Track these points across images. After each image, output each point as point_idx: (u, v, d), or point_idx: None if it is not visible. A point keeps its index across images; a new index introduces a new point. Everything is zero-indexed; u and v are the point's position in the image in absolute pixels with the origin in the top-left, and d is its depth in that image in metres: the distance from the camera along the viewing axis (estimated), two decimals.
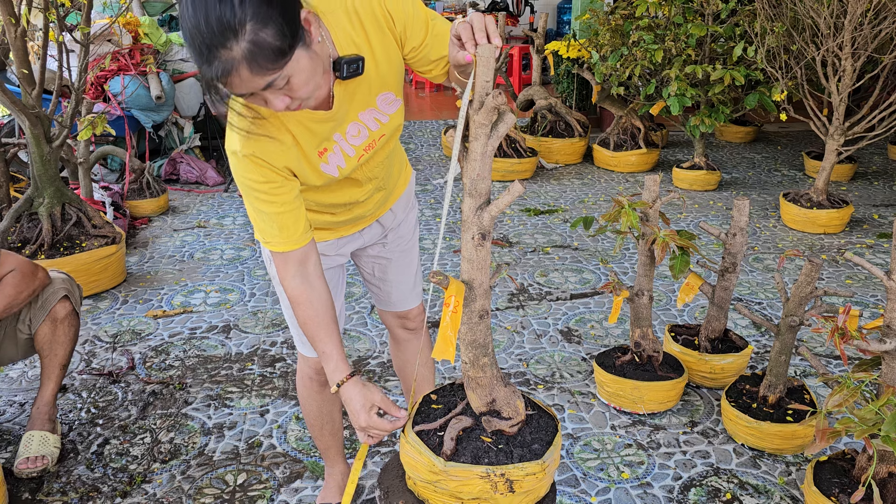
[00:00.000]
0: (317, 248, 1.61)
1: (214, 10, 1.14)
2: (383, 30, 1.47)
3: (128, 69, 5.19)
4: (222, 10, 1.14)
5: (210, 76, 1.20)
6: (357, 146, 1.60)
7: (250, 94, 1.25)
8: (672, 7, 5.17)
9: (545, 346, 3.15)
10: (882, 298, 3.63)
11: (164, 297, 3.60)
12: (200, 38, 1.16)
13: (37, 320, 2.43)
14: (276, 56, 1.20)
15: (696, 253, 2.50)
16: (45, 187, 3.52)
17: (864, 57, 4.18)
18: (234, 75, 1.20)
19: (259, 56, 1.18)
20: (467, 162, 1.32)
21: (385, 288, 2.03)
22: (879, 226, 4.71)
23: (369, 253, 1.98)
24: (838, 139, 4.45)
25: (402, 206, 1.93)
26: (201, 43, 1.17)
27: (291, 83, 1.25)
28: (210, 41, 1.16)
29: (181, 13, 1.19)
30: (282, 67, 1.22)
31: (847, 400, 1.79)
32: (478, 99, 1.27)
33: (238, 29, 1.15)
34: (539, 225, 4.69)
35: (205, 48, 1.17)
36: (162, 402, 2.72)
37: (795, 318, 2.36)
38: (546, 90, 6.35)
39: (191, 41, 1.18)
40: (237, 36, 1.16)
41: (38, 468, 2.32)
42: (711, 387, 2.82)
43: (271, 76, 1.22)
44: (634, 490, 2.28)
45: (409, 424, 1.50)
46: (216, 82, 1.22)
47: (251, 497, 2.23)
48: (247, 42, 1.16)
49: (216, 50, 1.17)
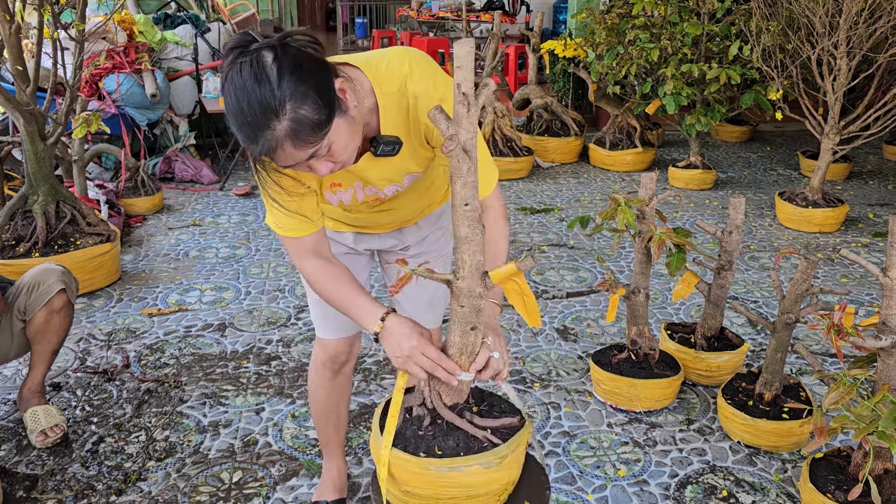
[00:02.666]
0: (326, 236, 1.63)
1: (255, 94, 1.22)
2: (420, 132, 1.51)
3: (123, 67, 5.17)
4: (262, 94, 1.22)
5: (256, 153, 1.29)
6: (368, 197, 1.66)
7: (295, 164, 1.32)
8: (668, 6, 5.18)
9: (541, 345, 3.14)
10: (877, 297, 3.64)
11: (159, 296, 3.59)
12: (244, 119, 1.24)
13: (31, 310, 2.47)
14: (316, 129, 1.27)
15: (692, 251, 2.50)
16: (40, 185, 3.51)
17: (860, 56, 4.19)
18: (279, 151, 1.27)
19: (300, 132, 1.25)
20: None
21: (401, 300, 1.99)
22: (874, 225, 4.72)
23: (390, 260, 1.97)
24: (833, 138, 4.46)
25: (429, 222, 1.91)
26: (245, 124, 1.25)
27: (332, 150, 1.32)
28: (253, 122, 1.24)
29: (226, 101, 1.27)
30: (322, 138, 1.29)
31: (843, 397, 1.79)
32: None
33: (279, 109, 1.22)
34: (535, 224, 4.69)
35: (249, 129, 1.25)
36: (157, 401, 2.71)
37: (791, 315, 2.36)
38: (542, 89, 6.35)
39: (236, 123, 1.27)
40: (278, 116, 1.23)
41: (58, 435, 2.42)
42: (707, 384, 2.82)
43: (313, 148, 1.29)
44: (631, 487, 2.28)
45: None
46: (261, 156, 1.31)
47: (247, 495, 2.22)
48: (288, 120, 1.24)
49: (260, 131, 1.24)
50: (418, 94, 1.45)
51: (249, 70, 1.23)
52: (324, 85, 1.27)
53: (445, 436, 1.45)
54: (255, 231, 4.52)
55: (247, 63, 1.23)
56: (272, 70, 1.23)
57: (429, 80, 1.46)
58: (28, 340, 2.51)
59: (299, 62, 1.25)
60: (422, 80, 1.45)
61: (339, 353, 1.98)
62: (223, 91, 1.28)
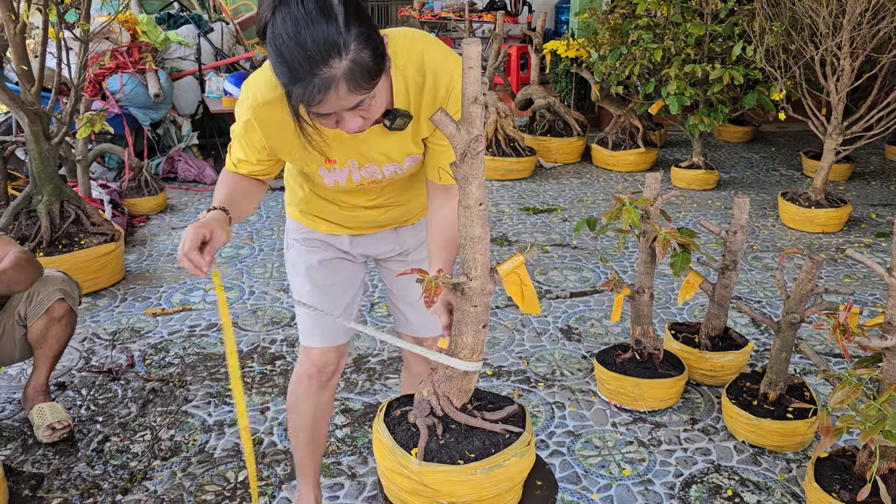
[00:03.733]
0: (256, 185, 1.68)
1: (321, 29, 1.20)
2: (436, 105, 1.50)
3: (126, 67, 5.18)
4: (328, 30, 1.20)
5: (303, 92, 1.24)
6: (364, 178, 1.63)
7: (330, 113, 1.30)
8: (671, 6, 5.18)
9: (545, 344, 3.15)
10: (880, 297, 3.64)
11: (163, 295, 3.60)
12: (302, 54, 1.20)
13: (32, 318, 2.46)
14: (372, 76, 1.26)
15: (696, 251, 2.50)
16: (44, 185, 3.51)
17: (863, 56, 4.19)
18: (331, 92, 1.24)
19: (358, 75, 1.24)
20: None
21: (403, 308, 1.94)
22: (877, 225, 4.72)
23: (390, 267, 1.92)
24: (836, 139, 4.46)
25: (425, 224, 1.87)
26: (303, 58, 1.21)
27: (371, 104, 1.32)
28: (313, 57, 1.20)
29: (275, 32, 1.22)
30: (373, 87, 1.28)
31: (849, 396, 1.80)
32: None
33: (342, 48, 1.21)
34: (538, 224, 4.69)
35: (306, 64, 1.21)
36: (162, 400, 2.71)
37: (796, 315, 2.36)
38: (544, 89, 6.36)
39: (290, 58, 1.22)
40: (341, 55, 1.21)
41: (65, 430, 2.43)
42: (712, 384, 2.82)
43: (363, 95, 1.28)
44: (636, 487, 2.28)
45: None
46: (307, 98, 1.25)
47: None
48: (349, 61, 1.22)
49: (318, 67, 1.21)
50: (438, 69, 1.46)
51: (314, 4, 1.20)
52: (380, 39, 1.28)
53: (467, 439, 1.45)
54: (258, 231, 4.52)
55: (313, 2, 1.21)
56: (339, 8, 1.22)
57: (447, 57, 1.49)
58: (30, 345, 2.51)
59: (361, 7, 1.25)
60: (439, 56, 1.47)
61: (328, 363, 1.87)
62: (273, 23, 1.22)
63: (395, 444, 1.45)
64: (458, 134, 1.23)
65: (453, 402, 1.49)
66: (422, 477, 1.39)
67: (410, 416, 1.50)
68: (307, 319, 1.85)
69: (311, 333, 1.86)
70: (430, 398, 1.49)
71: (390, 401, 1.59)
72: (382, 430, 1.48)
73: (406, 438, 1.46)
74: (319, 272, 1.82)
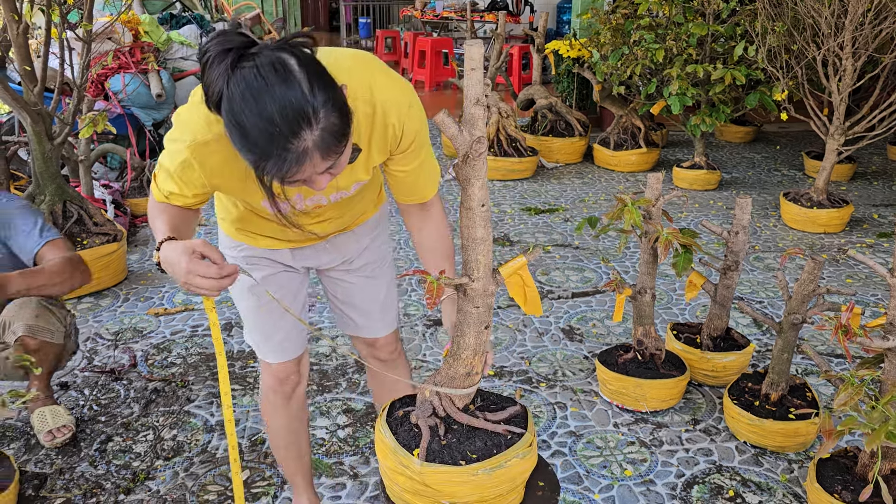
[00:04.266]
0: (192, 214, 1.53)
1: (286, 100, 1.13)
2: (387, 139, 1.47)
3: (128, 67, 5.19)
4: (294, 100, 1.13)
5: (277, 169, 1.17)
6: (308, 206, 1.60)
7: (305, 178, 1.24)
8: (673, 6, 5.18)
9: (547, 345, 3.15)
10: (882, 297, 3.64)
11: (165, 295, 3.60)
12: (271, 130, 1.14)
13: (7, 345, 2.38)
14: (343, 138, 1.22)
15: (698, 251, 2.51)
16: (47, 185, 3.52)
17: (865, 57, 4.19)
18: (306, 164, 1.19)
19: (330, 141, 1.19)
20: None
21: (348, 312, 1.93)
22: (879, 225, 4.72)
23: (332, 275, 1.89)
24: (838, 139, 4.46)
25: (366, 231, 1.84)
26: (272, 135, 1.14)
27: (340, 161, 1.26)
28: (283, 132, 1.14)
29: (234, 108, 1.14)
30: (344, 148, 1.24)
31: (852, 398, 1.80)
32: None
33: (312, 117, 1.15)
34: (540, 224, 4.69)
35: (277, 140, 1.15)
36: (164, 400, 2.72)
37: (798, 315, 2.36)
38: (546, 89, 6.36)
39: (255, 136, 1.15)
40: (311, 125, 1.16)
41: (66, 436, 2.42)
42: (713, 385, 2.82)
43: (335, 158, 1.23)
44: (637, 487, 2.28)
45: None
46: (282, 173, 1.19)
47: (255, 494, 2.23)
48: (320, 129, 1.17)
49: (289, 141, 1.15)
50: (387, 100, 1.42)
51: (275, 74, 1.13)
52: (341, 92, 1.22)
53: (469, 439, 1.46)
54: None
55: (267, 66, 1.14)
56: (301, 74, 1.15)
57: (395, 87, 1.44)
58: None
59: (321, 67, 1.19)
60: (388, 87, 1.43)
61: (288, 375, 1.86)
62: (233, 102, 1.14)
63: (397, 444, 1.45)
64: (461, 136, 1.23)
65: (455, 403, 1.49)
66: (423, 477, 1.40)
67: (413, 416, 1.51)
68: (258, 336, 1.82)
69: (265, 350, 1.84)
70: (432, 399, 1.49)
71: (393, 401, 1.59)
72: (385, 430, 1.49)
73: (408, 439, 1.47)
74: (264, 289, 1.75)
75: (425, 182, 1.61)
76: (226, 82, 1.14)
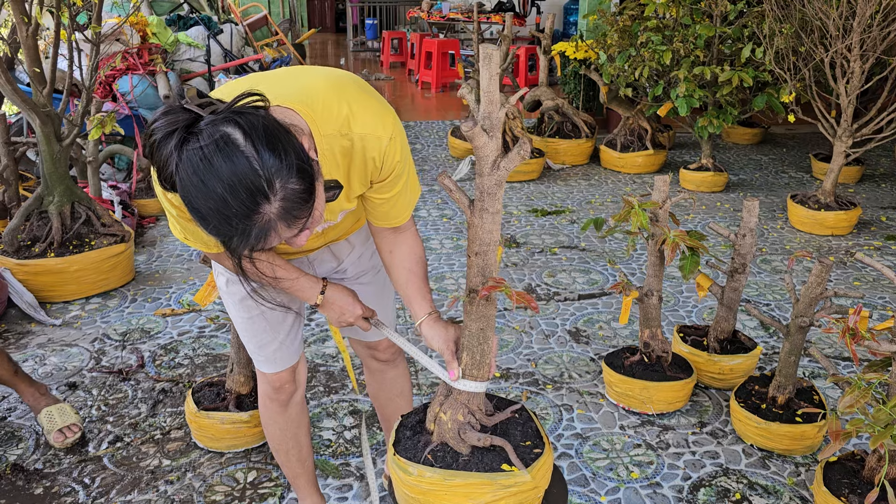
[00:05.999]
0: None
1: (237, 179, 1.08)
2: (366, 171, 1.44)
3: (136, 68, 5.21)
4: (245, 177, 1.08)
5: (243, 244, 1.14)
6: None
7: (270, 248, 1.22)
8: (680, 8, 5.17)
9: (553, 347, 3.15)
10: (890, 300, 3.63)
11: (173, 296, 3.61)
12: (229, 212, 1.09)
13: None
14: (306, 200, 1.16)
15: (705, 254, 2.50)
16: (55, 186, 3.54)
17: (873, 59, 4.18)
18: (272, 235, 1.15)
19: (292, 209, 1.14)
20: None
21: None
22: (887, 228, 4.70)
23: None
24: (846, 141, 4.45)
25: (360, 238, 1.83)
26: (232, 216, 1.10)
27: (313, 216, 1.21)
28: (240, 212, 1.09)
29: (186, 193, 1.09)
30: (311, 209, 1.18)
31: (858, 401, 1.79)
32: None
33: (268, 191, 1.10)
34: (546, 226, 4.69)
35: (237, 221, 1.10)
36: (172, 400, 2.73)
37: (805, 318, 2.36)
38: (553, 91, 6.36)
39: (217, 218, 1.10)
40: (268, 198, 1.10)
41: (76, 435, 2.44)
42: (720, 387, 2.82)
43: (304, 221, 1.18)
44: (644, 490, 2.28)
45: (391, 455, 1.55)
46: (250, 247, 1.15)
47: (261, 495, 2.24)
48: (279, 200, 1.12)
49: (249, 220, 1.11)
50: (366, 135, 1.38)
51: (219, 153, 1.07)
52: (299, 150, 1.15)
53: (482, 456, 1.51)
54: None
55: (211, 146, 1.07)
56: (248, 147, 1.08)
57: (374, 119, 1.39)
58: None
59: (270, 131, 1.12)
60: (366, 121, 1.38)
61: (283, 384, 1.85)
62: (181, 186, 1.08)
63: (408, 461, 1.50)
64: (490, 143, 1.25)
65: (475, 415, 1.52)
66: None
67: (433, 436, 1.54)
68: (252, 346, 1.81)
69: (261, 359, 1.83)
70: (445, 420, 1.52)
71: (404, 419, 1.63)
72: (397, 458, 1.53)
73: (416, 452, 1.51)
74: (255, 301, 1.72)
75: (402, 208, 1.58)
76: (175, 167, 1.09)
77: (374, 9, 13.82)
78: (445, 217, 4.79)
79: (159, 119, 1.10)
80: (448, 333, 1.55)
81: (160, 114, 1.11)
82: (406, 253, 1.63)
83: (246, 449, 2.44)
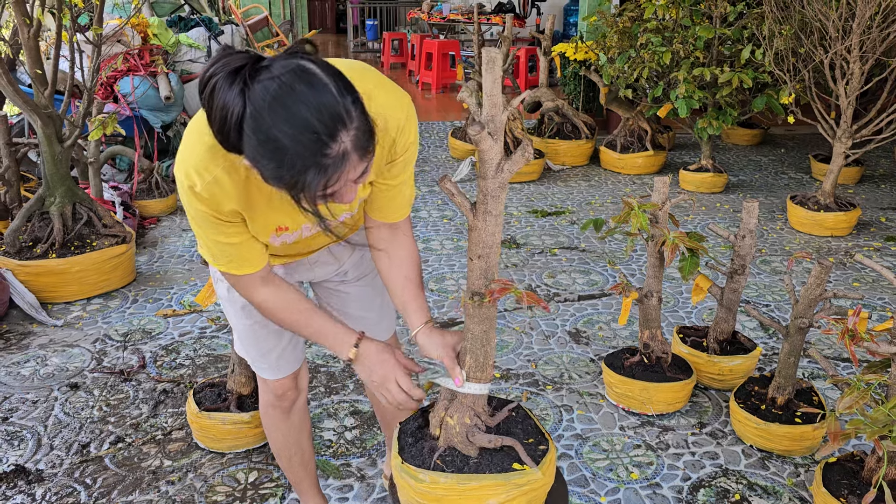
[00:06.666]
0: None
1: (321, 104, 1.10)
2: (384, 151, 1.44)
3: (137, 70, 5.22)
4: (328, 103, 1.11)
5: (319, 177, 1.13)
6: (312, 232, 1.60)
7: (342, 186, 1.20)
8: (680, 9, 5.18)
9: (553, 348, 3.16)
10: (890, 301, 3.64)
11: (174, 297, 3.62)
12: (309, 137, 1.09)
13: None
14: (373, 136, 1.19)
15: (704, 255, 2.51)
16: (57, 187, 3.54)
17: (873, 60, 4.19)
18: (347, 167, 1.15)
19: (364, 139, 1.16)
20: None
21: (344, 320, 1.85)
22: (886, 229, 4.71)
23: (327, 286, 1.89)
24: (846, 142, 4.45)
25: (360, 238, 1.81)
26: (311, 142, 1.10)
27: (369, 168, 1.23)
28: (322, 137, 1.10)
29: (261, 125, 1.09)
30: (374, 148, 1.20)
31: (857, 402, 1.80)
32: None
33: (346, 118, 1.13)
34: (546, 226, 4.70)
35: (316, 146, 1.11)
36: (173, 401, 2.74)
37: (805, 319, 2.37)
38: (553, 92, 6.37)
39: (292, 146, 1.10)
40: (346, 125, 1.13)
41: None
42: (720, 388, 2.83)
43: (369, 160, 1.19)
44: (644, 490, 2.29)
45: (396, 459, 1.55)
46: (325, 181, 1.15)
47: (262, 495, 2.25)
48: (354, 129, 1.14)
49: (328, 146, 1.12)
50: (387, 114, 1.39)
51: (300, 80, 1.10)
52: (358, 92, 1.20)
53: (486, 458, 1.52)
54: None
55: (288, 74, 1.10)
56: (327, 78, 1.12)
57: (393, 98, 1.42)
58: None
59: (338, 69, 1.17)
60: (386, 99, 1.40)
61: (286, 390, 1.85)
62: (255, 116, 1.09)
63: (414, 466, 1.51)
64: (495, 146, 1.26)
65: (480, 417, 1.53)
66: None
67: (440, 441, 1.55)
68: (254, 354, 1.80)
69: (263, 367, 1.83)
70: (453, 424, 1.52)
71: (403, 425, 1.64)
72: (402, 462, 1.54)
73: (424, 458, 1.51)
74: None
75: (402, 202, 1.59)
76: (245, 101, 1.10)
77: (375, 10, 13.83)
78: (446, 218, 4.80)
79: (217, 62, 1.12)
80: (445, 341, 1.55)
81: (215, 59, 1.13)
82: (403, 257, 1.62)
83: (247, 449, 2.45)
